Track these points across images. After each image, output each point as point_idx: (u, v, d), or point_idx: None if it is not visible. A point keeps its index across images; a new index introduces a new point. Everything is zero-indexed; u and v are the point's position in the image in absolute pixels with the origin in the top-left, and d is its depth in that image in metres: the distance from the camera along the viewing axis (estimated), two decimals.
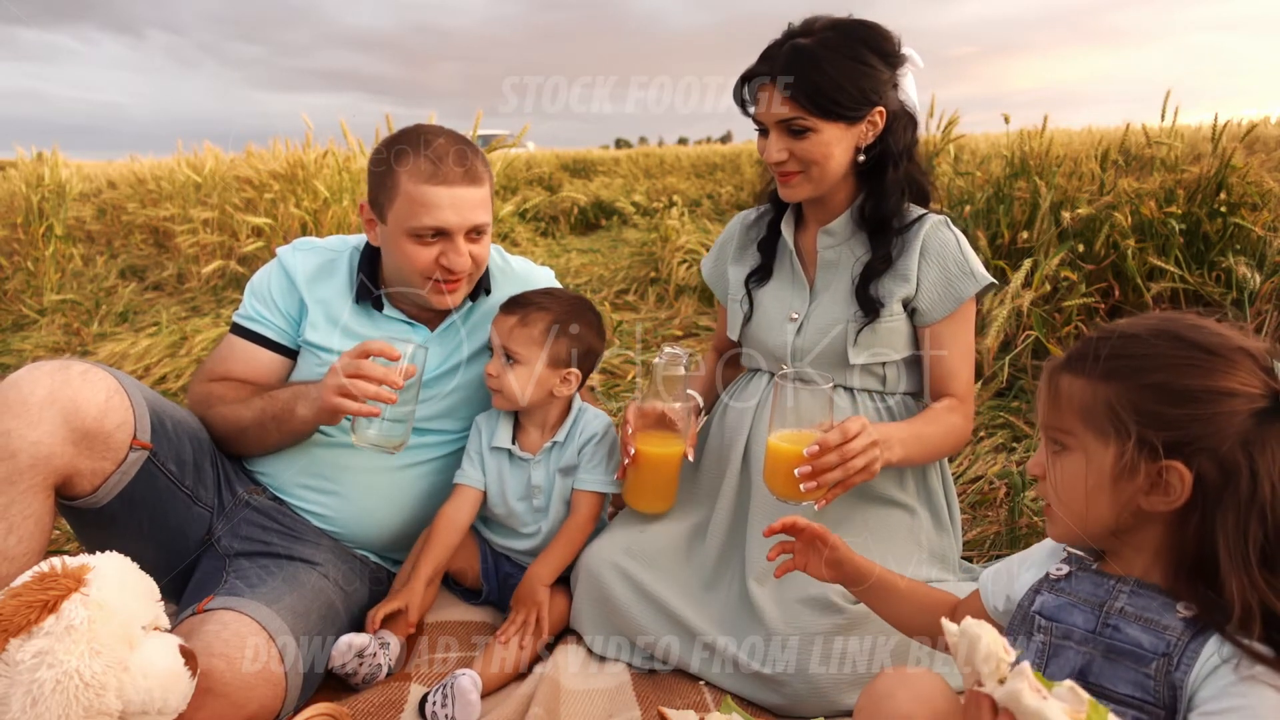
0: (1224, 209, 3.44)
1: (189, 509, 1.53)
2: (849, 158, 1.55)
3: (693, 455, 1.64)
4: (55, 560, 1.11)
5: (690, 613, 1.54)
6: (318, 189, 4.85)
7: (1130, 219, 3.40)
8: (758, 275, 1.71)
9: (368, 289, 1.66)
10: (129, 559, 1.19)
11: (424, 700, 1.42)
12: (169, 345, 3.80)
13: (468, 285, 1.64)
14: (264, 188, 5.24)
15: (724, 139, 14.78)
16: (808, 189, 1.57)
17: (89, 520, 1.44)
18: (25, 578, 1.09)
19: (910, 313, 1.58)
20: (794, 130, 1.51)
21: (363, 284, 1.66)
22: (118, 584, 1.12)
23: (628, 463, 1.60)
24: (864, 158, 1.55)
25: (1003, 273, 3.24)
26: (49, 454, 1.29)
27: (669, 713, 1.39)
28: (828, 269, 1.64)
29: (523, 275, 1.85)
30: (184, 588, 1.53)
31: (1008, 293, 2.83)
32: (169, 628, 1.21)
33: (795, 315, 1.63)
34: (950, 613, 1.10)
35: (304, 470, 1.65)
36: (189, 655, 1.16)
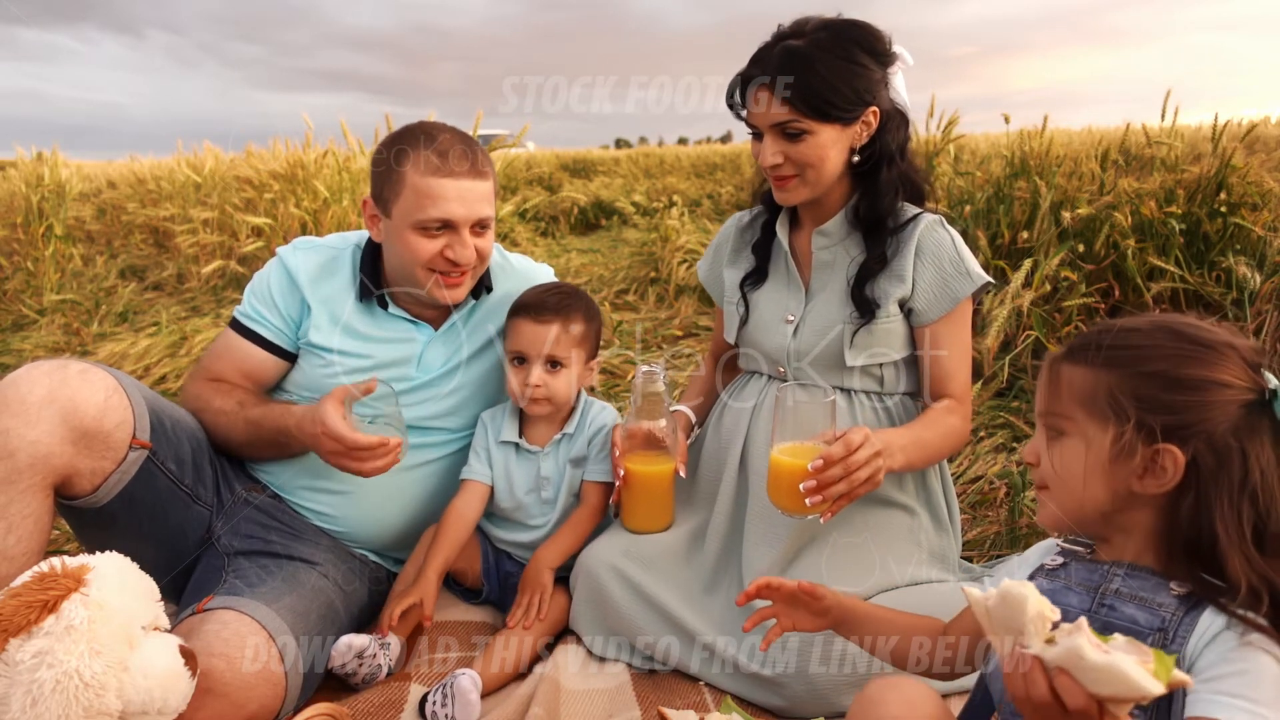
0: (1224, 209, 3.44)
1: (188, 508, 1.53)
2: (844, 159, 1.54)
3: (684, 470, 1.64)
4: (55, 560, 1.11)
5: (689, 615, 1.53)
6: (318, 189, 4.85)
7: (1130, 219, 3.40)
8: (752, 278, 1.71)
9: (369, 288, 1.66)
10: (129, 559, 1.18)
11: (424, 700, 1.42)
12: (169, 345, 3.80)
13: (471, 280, 1.64)
14: (264, 188, 5.25)
15: (724, 139, 14.80)
16: (804, 192, 1.56)
17: (89, 520, 1.44)
18: (25, 578, 1.09)
19: (907, 313, 1.58)
20: (789, 134, 1.50)
21: (365, 283, 1.66)
22: (118, 584, 1.12)
23: (619, 485, 1.61)
24: (859, 158, 1.55)
25: (1003, 273, 3.24)
26: (47, 453, 1.29)
27: (669, 713, 1.38)
28: (823, 270, 1.63)
29: (523, 273, 1.85)
30: (184, 587, 1.53)
31: (1008, 293, 2.83)
32: (169, 628, 1.21)
33: (791, 317, 1.63)
34: (939, 633, 1.10)
35: (306, 471, 1.65)
36: (189, 655, 1.16)
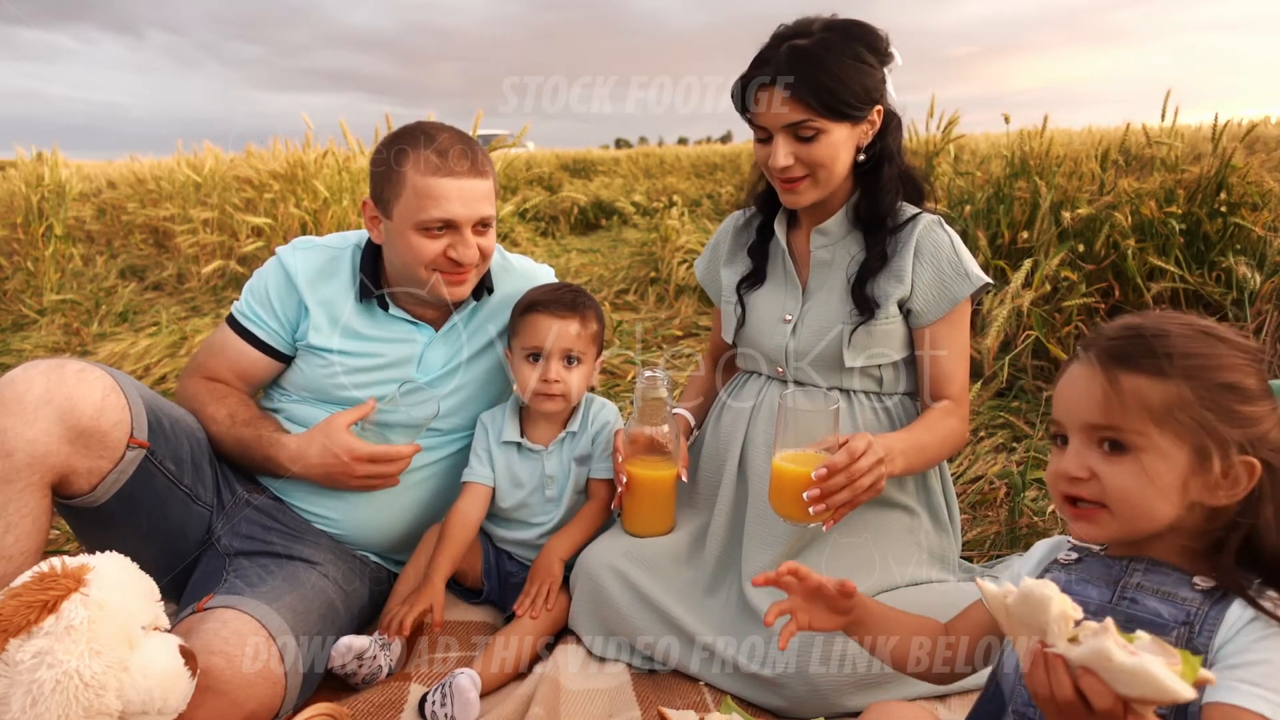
0: (1224, 209, 3.44)
1: (188, 508, 1.53)
2: (851, 158, 1.55)
3: (686, 475, 1.65)
4: (55, 560, 1.11)
5: (689, 616, 1.53)
6: (317, 189, 4.85)
7: (1130, 219, 3.40)
8: (749, 280, 1.70)
9: (369, 288, 1.66)
10: (128, 559, 1.18)
11: (424, 700, 1.42)
12: (169, 345, 3.80)
13: (475, 277, 1.64)
14: (264, 188, 5.25)
15: (724, 139, 14.81)
16: (814, 194, 1.55)
17: (88, 520, 1.44)
18: (25, 578, 1.09)
19: (905, 314, 1.57)
20: (802, 135, 1.48)
21: (365, 283, 1.66)
22: (118, 584, 1.12)
23: (622, 490, 1.61)
24: (863, 157, 1.55)
25: (1003, 273, 3.24)
26: (45, 452, 1.29)
27: (669, 713, 1.38)
28: (821, 269, 1.63)
29: (524, 274, 1.85)
30: (184, 587, 1.53)
31: (1008, 293, 2.82)
32: (169, 627, 1.21)
33: (789, 317, 1.63)
34: (940, 633, 1.09)
35: None
36: (189, 655, 1.16)
